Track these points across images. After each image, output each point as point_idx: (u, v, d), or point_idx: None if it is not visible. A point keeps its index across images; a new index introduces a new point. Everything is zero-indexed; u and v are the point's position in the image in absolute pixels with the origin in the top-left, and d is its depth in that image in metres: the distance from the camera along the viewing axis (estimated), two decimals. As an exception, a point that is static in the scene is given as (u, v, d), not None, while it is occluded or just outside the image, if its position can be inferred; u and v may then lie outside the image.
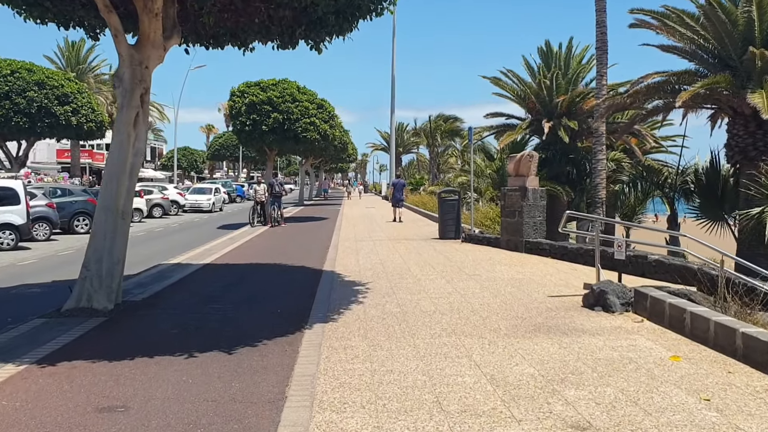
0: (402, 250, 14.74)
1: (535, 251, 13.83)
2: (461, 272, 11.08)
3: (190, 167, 70.01)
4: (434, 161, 57.10)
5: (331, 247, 15.73)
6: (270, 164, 26.98)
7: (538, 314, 7.60)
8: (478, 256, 13.30)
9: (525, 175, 14.46)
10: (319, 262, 12.75)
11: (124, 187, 8.35)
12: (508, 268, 11.58)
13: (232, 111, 24.58)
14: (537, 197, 14.41)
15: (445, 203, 17.00)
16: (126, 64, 8.45)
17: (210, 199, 38.19)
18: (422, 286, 9.68)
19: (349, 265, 12.20)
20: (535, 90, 24.73)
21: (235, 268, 12.27)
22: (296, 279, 10.84)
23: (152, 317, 7.83)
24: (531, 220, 14.30)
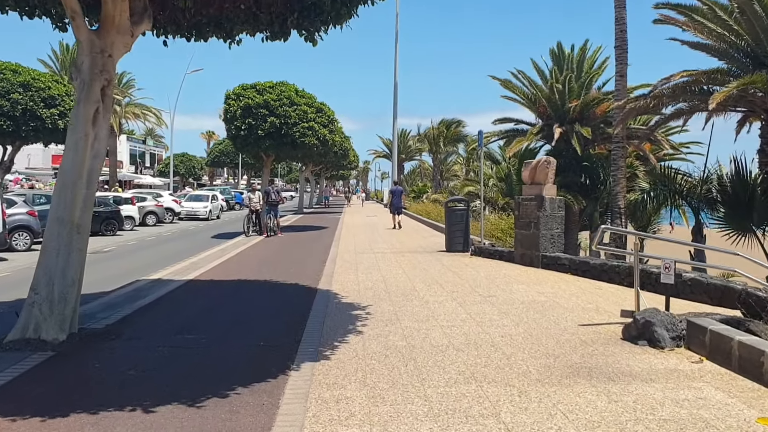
0: (406, 264, 13.46)
1: (553, 267, 12.54)
2: (474, 292, 9.79)
3: (188, 173, 68.81)
4: (437, 168, 55.91)
5: (328, 260, 14.45)
6: (266, 171, 25.72)
7: (572, 350, 6.31)
8: (490, 273, 12.01)
9: (541, 183, 13.20)
10: (314, 279, 11.48)
11: (81, 196, 7.09)
12: (526, 287, 10.29)
13: (227, 115, 23.37)
14: (555, 207, 13.14)
15: (453, 213, 15.73)
16: (85, 51, 7.22)
17: (206, 206, 36.98)
18: (431, 310, 8.39)
19: (348, 282, 10.92)
20: (546, 94, 23.51)
21: (220, 285, 10.99)
22: (287, 300, 9.56)
23: (110, 352, 6.55)
24: (548, 233, 13.02)
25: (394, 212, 25.22)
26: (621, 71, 15.73)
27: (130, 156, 75.11)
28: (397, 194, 26.19)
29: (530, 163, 13.62)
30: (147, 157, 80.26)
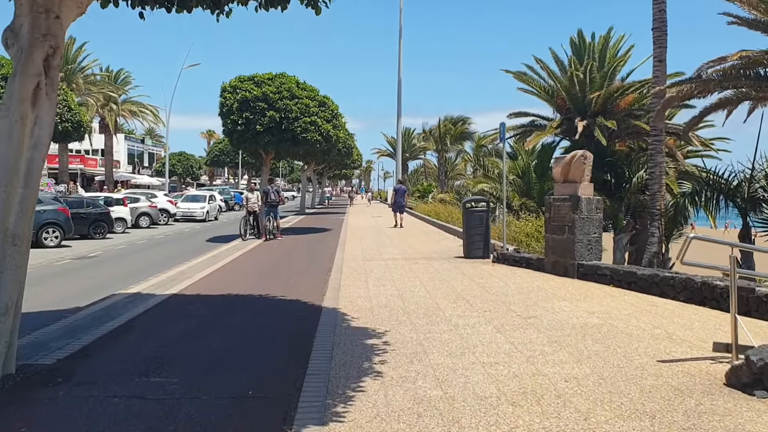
0: (422, 274, 11.82)
1: (591, 277, 10.90)
2: (510, 311, 8.15)
3: (186, 173, 67.15)
4: (443, 167, 54.20)
5: (333, 269, 12.82)
6: (266, 169, 24.07)
7: (667, 404, 4.66)
8: (522, 285, 10.37)
9: (576, 181, 11.55)
10: (318, 293, 9.84)
11: (16, 198, 5.45)
12: (569, 304, 8.64)
13: (223, 109, 21.73)
14: (592, 208, 11.49)
15: (472, 215, 14.08)
16: (25, 10, 5.59)
17: (204, 207, 35.37)
18: (464, 338, 6.75)
19: (358, 298, 9.27)
20: (565, 85, 21.87)
21: (206, 302, 9.35)
22: (286, 323, 7.92)
23: (48, 406, 4.91)
24: (585, 238, 11.37)
25: (396, 211, 25.71)
26: (659, 55, 14.07)
27: (128, 156, 73.58)
28: (400, 193, 26.52)
29: (563, 158, 11.98)
30: (146, 157, 78.74)
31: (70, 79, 43.66)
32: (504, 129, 13.87)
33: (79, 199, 24.95)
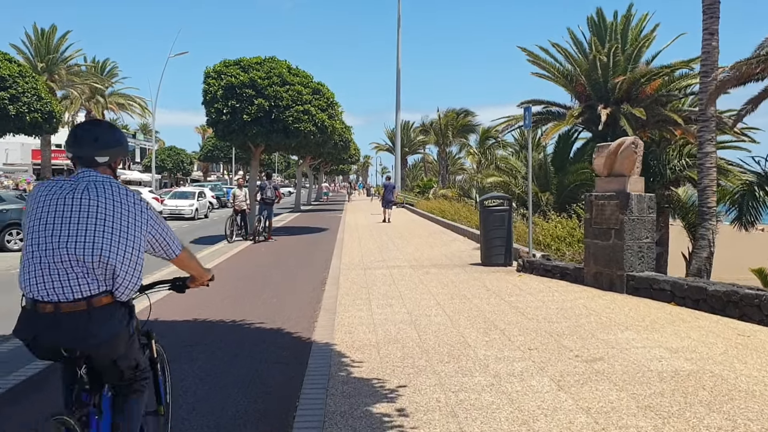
0: (437, 288, 9.73)
1: (645, 292, 8.84)
2: (563, 349, 6.07)
3: (177, 168, 64.81)
4: (444, 161, 52.03)
5: (329, 281, 10.73)
6: (255, 163, 21.93)
7: None
8: (563, 305, 8.29)
9: (625, 174, 9.47)
10: (308, 319, 7.76)
11: None
12: (637, 335, 6.57)
13: (207, 96, 19.58)
14: (644, 208, 9.41)
15: (491, 215, 12.00)
16: None
17: (192, 204, 33.24)
18: (514, 401, 4.67)
19: (358, 327, 7.18)
20: (585, 69, 19.79)
21: (162, 336, 7.23)
22: (260, 375, 5.80)
23: None
24: (635, 244, 9.30)
25: (384, 206, 26.55)
26: (710, 27, 11.96)
27: (118, 151, 71.40)
28: (389, 189, 27.68)
29: (606, 147, 9.89)
30: (137, 152, 76.55)
31: (51, 70, 41.43)
32: (529, 114, 11.75)
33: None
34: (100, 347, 2.79)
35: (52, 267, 2.71)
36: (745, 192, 13.37)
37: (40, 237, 2.75)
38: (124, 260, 2.81)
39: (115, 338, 2.82)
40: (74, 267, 2.72)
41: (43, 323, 2.71)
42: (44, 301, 2.71)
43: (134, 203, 2.96)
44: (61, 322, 2.70)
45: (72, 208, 2.80)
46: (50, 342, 2.74)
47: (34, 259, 2.74)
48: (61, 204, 2.80)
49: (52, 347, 2.76)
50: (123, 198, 2.92)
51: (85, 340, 2.73)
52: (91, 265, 2.73)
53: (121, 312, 2.87)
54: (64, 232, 2.75)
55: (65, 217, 2.78)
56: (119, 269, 2.79)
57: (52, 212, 2.78)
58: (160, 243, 3.13)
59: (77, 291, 2.72)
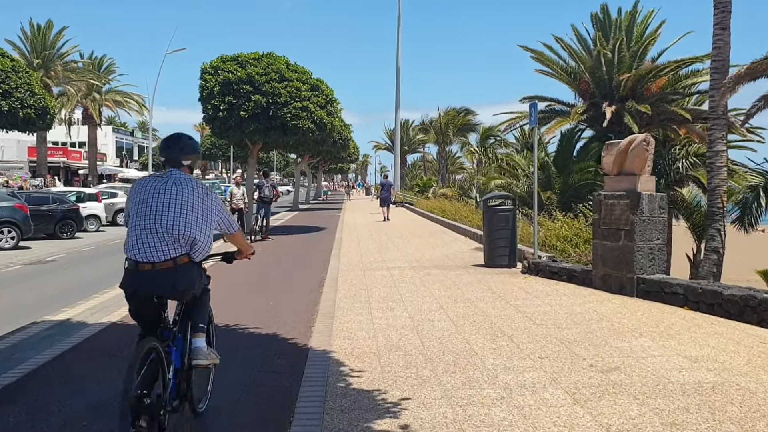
0: (439, 290, 9.36)
1: (657, 296, 8.48)
2: (575, 358, 5.71)
3: (174, 167, 64.24)
4: (444, 160, 51.60)
5: (327, 282, 10.36)
6: (252, 161, 21.53)
7: None
8: (572, 309, 7.92)
9: (635, 173, 9.11)
10: (305, 323, 7.39)
11: None
12: (653, 343, 6.20)
13: (203, 93, 19.20)
14: (655, 208, 9.05)
15: (495, 215, 11.62)
16: None
17: (189, 202, 32.81)
18: (527, 416, 4.29)
19: (358, 332, 6.80)
20: (590, 66, 19.39)
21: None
22: (253, 384, 5.43)
23: None
24: (646, 245, 8.94)
25: (382, 205, 26.73)
26: (722, 22, 11.59)
27: (116, 149, 71.01)
28: (386, 187, 27.99)
29: (616, 144, 9.52)
30: (135, 150, 76.15)
31: (48, 67, 41.00)
32: (535, 110, 11.37)
33: (43, 195, 22.41)
34: (183, 294, 3.95)
35: (150, 238, 3.76)
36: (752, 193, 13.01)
37: (140, 216, 3.81)
38: (201, 233, 3.87)
39: (191, 287, 3.96)
40: (165, 237, 3.77)
41: (143, 278, 3.76)
42: (144, 262, 3.76)
43: (207, 194, 3.99)
44: (156, 277, 3.76)
45: (163, 196, 3.83)
46: (148, 292, 3.78)
47: (137, 232, 3.79)
48: (155, 193, 3.85)
49: (148, 296, 3.78)
50: (199, 190, 3.96)
51: (173, 289, 3.83)
52: (178, 236, 3.79)
53: (196, 268, 3.99)
54: (158, 213, 3.78)
55: (159, 202, 3.81)
56: (198, 239, 3.86)
57: (149, 199, 3.83)
58: (224, 223, 4.15)
59: (167, 254, 3.77)
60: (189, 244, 3.84)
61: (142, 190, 3.91)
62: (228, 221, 4.18)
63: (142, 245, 3.76)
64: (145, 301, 3.82)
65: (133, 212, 3.88)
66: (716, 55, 11.67)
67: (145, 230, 3.77)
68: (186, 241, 3.82)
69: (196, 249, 3.89)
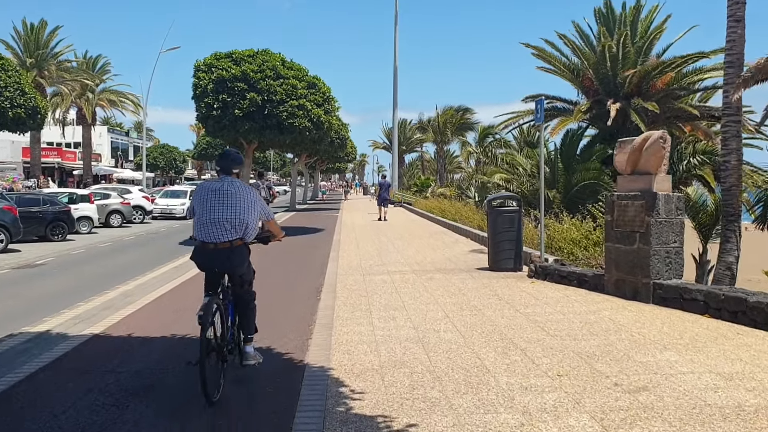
0: (444, 297, 8.85)
1: (675, 303, 8.00)
2: (597, 375, 5.21)
3: (169, 166, 63.66)
4: (442, 160, 51.09)
5: (325, 287, 9.85)
6: (248, 161, 21.00)
7: None
8: (587, 317, 7.42)
9: (651, 172, 8.63)
10: (301, 334, 6.88)
11: None
12: (679, 357, 5.71)
13: (197, 90, 18.66)
14: (671, 209, 8.56)
15: (500, 216, 11.12)
16: None
17: (184, 203, 32.19)
18: (552, 450, 3.79)
19: (359, 346, 6.29)
20: (593, 62, 18.89)
21: (134, 355, 6.33)
22: (241, 408, 4.92)
23: None
24: (662, 249, 8.45)
25: (380, 204, 26.83)
26: (735, 14, 11.09)
27: (111, 149, 70.34)
28: (384, 187, 28.02)
29: (629, 142, 9.03)
30: (131, 150, 75.50)
31: (41, 66, 40.40)
32: (542, 106, 10.85)
33: (33, 197, 21.84)
34: (235, 268, 5.08)
35: (213, 224, 4.92)
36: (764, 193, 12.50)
37: (206, 209, 4.96)
38: (250, 218, 5.03)
39: (242, 264, 5.11)
40: (225, 224, 4.93)
41: (207, 254, 4.97)
42: (208, 242, 4.94)
43: (251, 192, 5.19)
44: (216, 254, 4.94)
45: (222, 194, 5.01)
46: (210, 264, 5.01)
47: (203, 221, 4.96)
48: (216, 192, 5.02)
49: (210, 267, 5.02)
50: (246, 188, 5.17)
51: (229, 263, 5.01)
52: (235, 222, 4.95)
53: (246, 249, 5.15)
54: (219, 207, 4.95)
55: (219, 199, 4.98)
56: (249, 223, 5.02)
57: (211, 197, 5.01)
58: (264, 212, 5.28)
59: (225, 237, 4.93)
60: (243, 228, 5.04)
61: (206, 191, 5.12)
62: (267, 211, 5.39)
63: (208, 230, 4.99)
64: (209, 270, 5.12)
65: (198, 207, 5.07)
66: (730, 49, 11.18)
67: (210, 219, 4.98)
68: (241, 226, 5.02)
69: (247, 231, 5.10)
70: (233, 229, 4.97)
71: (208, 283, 5.15)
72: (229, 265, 5.08)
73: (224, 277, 5.24)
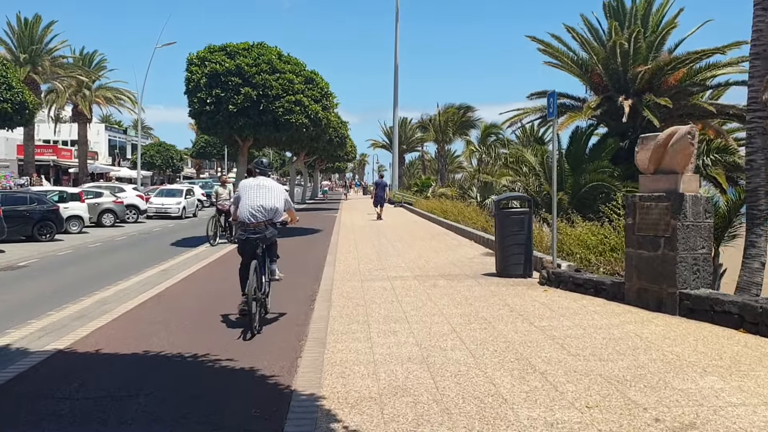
0: (449, 307, 8.07)
1: (704, 315, 7.24)
2: (633, 407, 4.44)
3: (166, 165, 62.82)
4: (443, 159, 50.27)
5: (319, 295, 9.08)
6: (243, 159, 20.20)
7: None
8: (610, 332, 6.65)
9: (677, 171, 7.86)
10: (289, 355, 6.10)
11: None
12: (725, 384, 4.94)
13: (189, 85, 17.89)
14: (700, 211, 7.79)
15: (509, 218, 10.35)
16: None
17: (180, 202, 31.50)
18: None
19: (355, 367, 5.51)
20: (603, 57, 18.10)
21: (95, 380, 5.55)
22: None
23: None
24: (689, 255, 7.69)
25: (376, 204, 26.99)
26: (763, 2, 10.32)
27: (109, 147, 69.57)
28: (381, 186, 27.96)
29: (652, 138, 8.27)
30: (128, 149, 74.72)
31: (35, 62, 39.62)
32: (555, 100, 10.06)
33: (20, 195, 21.08)
34: (268, 240, 7.26)
35: (253, 209, 7.12)
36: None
37: (249, 198, 7.18)
38: (279, 205, 7.30)
39: (274, 238, 7.44)
40: (262, 210, 7.15)
41: (250, 230, 7.13)
42: (250, 222, 7.13)
43: (280, 187, 7.60)
44: (256, 230, 7.13)
45: (260, 188, 7.29)
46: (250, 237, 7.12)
47: (246, 207, 7.13)
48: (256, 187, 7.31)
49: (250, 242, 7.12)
50: (277, 185, 7.55)
51: (264, 236, 7.16)
52: (269, 208, 7.19)
53: (275, 227, 7.36)
54: (258, 197, 7.18)
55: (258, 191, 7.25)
56: (278, 209, 7.29)
57: (252, 190, 7.27)
58: (287, 202, 7.54)
59: (262, 217, 7.15)
60: (273, 212, 7.23)
61: (249, 186, 7.36)
62: (290, 201, 7.66)
63: (250, 213, 7.10)
64: (248, 242, 7.13)
65: (244, 196, 7.24)
66: (756, 39, 10.40)
67: (252, 206, 7.11)
68: (272, 211, 7.21)
69: (277, 214, 7.28)
70: (267, 213, 7.20)
71: (247, 254, 7.19)
72: (263, 237, 7.18)
73: (259, 247, 7.20)
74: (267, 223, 7.15)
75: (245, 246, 7.15)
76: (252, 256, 7.08)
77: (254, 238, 7.09)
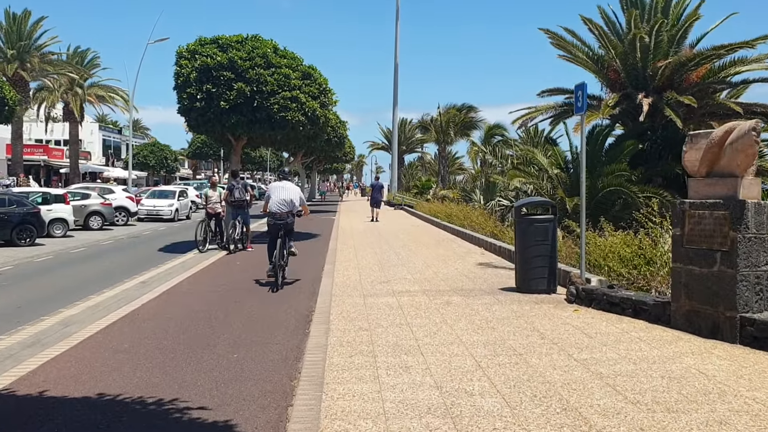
0: (468, 334, 6.88)
1: (772, 344, 6.08)
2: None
3: (160, 165, 61.53)
4: (444, 160, 49.07)
5: (315, 317, 7.88)
6: (236, 159, 18.97)
7: None
8: (666, 368, 5.48)
9: (735, 174, 6.72)
10: (276, 405, 4.92)
11: None
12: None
13: (179, 80, 16.69)
14: (764, 222, 6.65)
15: (531, 226, 9.18)
16: None
17: (172, 204, 30.28)
18: None
19: (358, 424, 4.32)
20: (621, 52, 16.92)
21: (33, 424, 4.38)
22: None
23: None
24: (752, 272, 6.54)
25: (373, 205, 27.07)
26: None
27: (103, 147, 68.33)
28: (377, 188, 28.31)
29: (704, 135, 7.11)
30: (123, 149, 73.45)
31: (23, 58, 38.40)
32: (585, 92, 8.92)
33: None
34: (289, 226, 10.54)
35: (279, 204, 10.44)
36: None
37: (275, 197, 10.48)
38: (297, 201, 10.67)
39: (292, 224, 10.67)
40: (285, 204, 10.46)
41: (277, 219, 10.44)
42: (276, 212, 10.45)
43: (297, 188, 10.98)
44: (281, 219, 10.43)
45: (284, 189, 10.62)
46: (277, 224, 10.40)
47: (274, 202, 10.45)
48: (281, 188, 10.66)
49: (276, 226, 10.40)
50: (294, 187, 10.91)
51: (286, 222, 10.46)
52: (291, 203, 10.52)
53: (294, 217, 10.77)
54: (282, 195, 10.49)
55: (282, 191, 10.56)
56: (297, 205, 10.68)
57: (278, 190, 10.61)
58: (302, 199, 10.85)
59: (285, 209, 10.46)
60: (292, 205, 10.43)
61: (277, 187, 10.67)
62: (303, 198, 10.88)
63: (277, 206, 10.31)
64: (276, 226, 10.30)
65: (273, 195, 10.43)
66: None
67: (279, 201, 10.32)
68: (291, 204, 10.42)
69: (294, 207, 10.50)
70: (288, 205, 10.33)
71: (274, 234, 10.30)
72: (284, 224, 10.29)
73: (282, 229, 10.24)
74: (288, 213, 10.34)
75: (274, 228, 10.31)
76: (277, 236, 10.19)
77: (280, 224, 10.27)
